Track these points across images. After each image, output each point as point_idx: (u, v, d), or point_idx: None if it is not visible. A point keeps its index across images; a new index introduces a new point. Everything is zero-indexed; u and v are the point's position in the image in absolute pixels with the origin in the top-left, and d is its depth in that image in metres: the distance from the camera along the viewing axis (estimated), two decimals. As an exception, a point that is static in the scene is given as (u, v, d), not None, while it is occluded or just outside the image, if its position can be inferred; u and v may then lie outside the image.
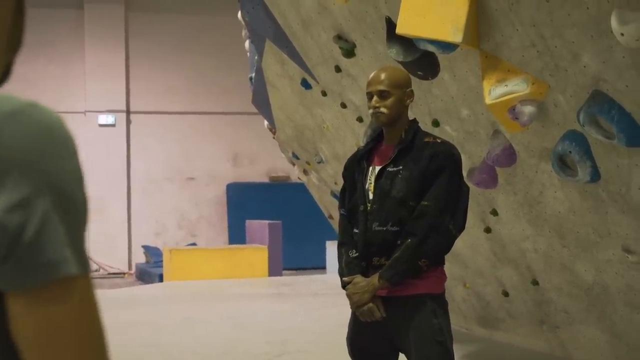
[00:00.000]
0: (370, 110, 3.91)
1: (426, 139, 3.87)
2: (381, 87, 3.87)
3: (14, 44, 1.07)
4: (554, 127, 4.72)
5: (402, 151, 3.84)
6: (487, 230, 6.24)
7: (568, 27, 4.10)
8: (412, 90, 3.94)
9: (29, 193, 0.89)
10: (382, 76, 3.91)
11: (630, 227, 4.79)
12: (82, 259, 0.94)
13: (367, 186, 3.91)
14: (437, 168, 3.76)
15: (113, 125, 19.21)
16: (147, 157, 19.49)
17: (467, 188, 3.99)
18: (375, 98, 3.88)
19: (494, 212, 5.99)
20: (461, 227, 3.87)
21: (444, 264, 3.94)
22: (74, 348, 0.92)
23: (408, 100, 3.91)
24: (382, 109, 3.86)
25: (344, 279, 3.93)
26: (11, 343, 0.93)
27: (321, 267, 16.89)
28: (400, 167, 3.81)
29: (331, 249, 15.71)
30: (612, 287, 5.42)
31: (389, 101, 3.86)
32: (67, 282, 0.92)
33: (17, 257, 0.89)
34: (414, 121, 3.99)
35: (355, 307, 3.85)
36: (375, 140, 4.03)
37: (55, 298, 0.91)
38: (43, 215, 0.90)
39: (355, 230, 3.92)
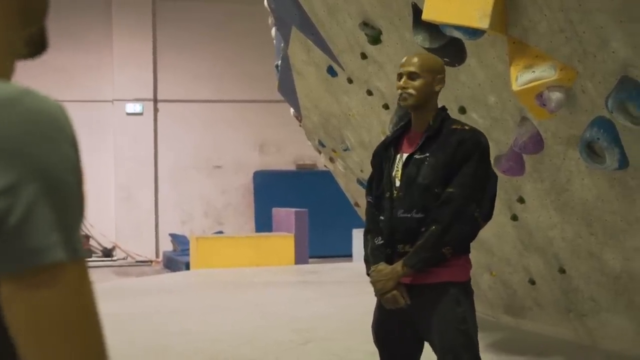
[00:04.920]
0: (399, 91, 3.88)
1: (454, 126, 3.83)
2: (412, 69, 3.84)
3: (33, 10, 1.06)
4: (582, 114, 4.67)
5: (430, 138, 3.81)
6: (514, 218, 6.20)
7: (597, 12, 4.06)
8: (443, 78, 3.90)
9: (15, 179, 0.89)
10: (415, 59, 3.89)
11: (659, 214, 4.74)
12: (73, 245, 0.93)
13: (394, 173, 3.88)
14: (464, 155, 3.72)
15: (140, 114, 19.29)
16: (174, 146, 19.56)
17: (496, 176, 3.95)
18: (404, 79, 3.85)
19: (521, 200, 5.95)
20: (488, 216, 3.83)
21: (470, 252, 3.90)
22: (62, 334, 0.91)
23: (438, 87, 3.86)
24: (410, 90, 3.83)
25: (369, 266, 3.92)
26: (6, 327, 0.93)
27: (347, 255, 16.88)
28: (427, 154, 3.78)
29: (357, 236, 15.68)
30: (639, 275, 5.37)
31: (417, 83, 3.83)
32: (55, 268, 0.91)
33: (3, 242, 0.89)
34: (443, 108, 3.95)
35: (380, 294, 3.84)
36: (404, 127, 4.01)
37: (42, 284, 0.90)
38: (29, 201, 0.90)
39: (381, 218, 3.90)
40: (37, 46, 1.09)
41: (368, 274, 3.91)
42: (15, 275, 0.90)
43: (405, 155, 3.86)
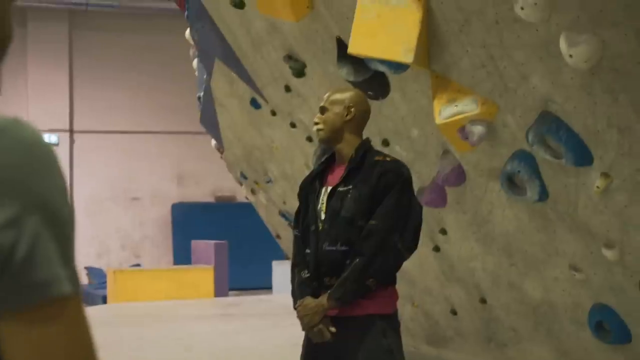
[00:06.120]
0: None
1: (377, 158, 3.88)
2: (322, 103, 3.93)
3: None
4: (503, 147, 4.78)
5: (352, 170, 3.84)
6: (436, 249, 6.28)
7: (517, 48, 4.17)
8: (355, 109, 3.92)
9: (18, 211, 0.88)
10: (327, 94, 3.96)
11: (578, 245, 4.86)
12: (74, 278, 0.92)
13: (319, 206, 3.91)
14: (386, 186, 3.77)
15: (56, 145, 18.95)
16: (91, 177, 19.27)
17: (420, 207, 4.01)
18: (318, 114, 3.92)
19: (443, 231, 6.04)
20: (411, 246, 3.87)
21: (395, 283, 3.94)
22: None
23: (347, 116, 3.90)
24: (320, 124, 3.89)
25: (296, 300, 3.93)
26: None
27: (267, 287, 16.82)
28: (350, 187, 3.81)
29: (277, 268, 15.65)
30: (559, 305, 5.49)
31: (326, 116, 3.89)
32: (59, 302, 0.90)
33: (9, 277, 0.87)
34: (366, 140, 4.00)
35: (306, 328, 3.85)
36: (329, 160, 4.04)
37: (47, 318, 0.89)
38: (34, 234, 0.88)
39: (307, 251, 3.92)
40: None
41: (295, 308, 3.91)
42: (19, 310, 0.88)
43: (329, 188, 3.89)
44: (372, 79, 5.27)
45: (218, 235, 16.95)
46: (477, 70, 4.50)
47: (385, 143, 5.86)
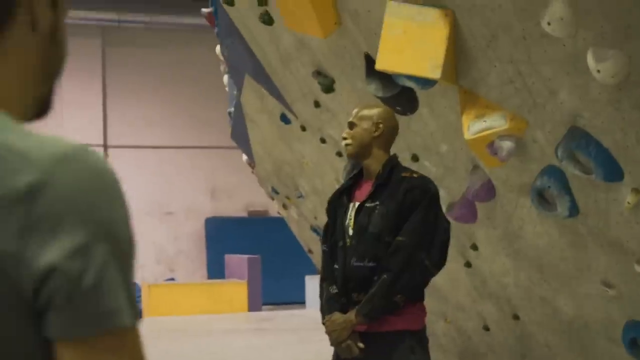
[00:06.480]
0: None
1: (403, 174, 3.87)
2: (350, 119, 3.93)
3: (51, 72, 1.06)
4: (533, 162, 4.74)
5: (380, 186, 3.84)
6: (468, 264, 6.24)
7: (545, 64, 4.14)
8: (384, 125, 3.92)
9: (87, 239, 0.88)
10: (356, 110, 3.96)
11: (609, 261, 4.80)
12: (135, 309, 0.92)
13: (347, 222, 3.91)
14: (413, 203, 3.76)
15: (91, 160, 19.13)
16: (125, 192, 19.39)
17: (448, 223, 3.99)
18: (346, 130, 3.92)
19: (474, 247, 6.00)
20: (439, 263, 3.86)
21: (424, 299, 3.92)
22: None
23: (376, 132, 3.89)
24: (348, 140, 3.90)
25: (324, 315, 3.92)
26: None
27: (300, 301, 16.81)
28: (377, 203, 3.81)
29: (310, 283, 15.64)
30: (592, 321, 5.43)
31: (354, 132, 3.89)
32: (120, 332, 0.90)
33: (75, 305, 0.87)
34: (394, 156, 4.00)
35: (335, 344, 3.84)
36: (357, 175, 4.04)
37: (107, 349, 0.88)
38: (102, 262, 0.88)
39: (336, 266, 3.92)
40: (43, 107, 1.08)
41: (323, 323, 3.91)
42: (81, 339, 0.88)
43: (357, 204, 3.89)
44: (401, 95, 5.25)
45: (251, 250, 16.99)
46: (505, 86, 4.47)
47: (415, 158, 5.84)
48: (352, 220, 3.88)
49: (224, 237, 19.04)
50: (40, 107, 1.07)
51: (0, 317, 0.88)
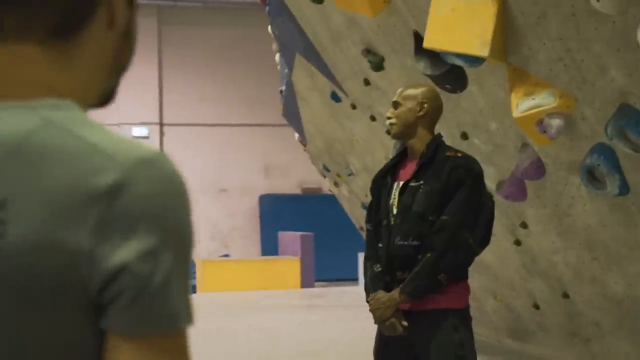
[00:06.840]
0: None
1: (448, 153, 3.85)
2: (395, 98, 3.92)
3: (120, 66, 1.09)
4: (582, 140, 4.71)
5: (424, 166, 3.84)
6: (517, 242, 6.22)
7: (594, 41, 4.10)
8: (429, 104, 3.90)
9: (158, 243, 0.91)
10: (401, 89, 3.96)
11: (660, 240, 4.76)
12: (191, 313, 0.95)
13: (391, 201, 3.91)
14: (457, 182, 3.75)
15: (147, 137, 19.37)
16: (180, 169, 19.53)
17: (492, 202, 3.98)
18: (391, 109, 3.92)
19: (524, 225, 5.98)
20: (483, 242, 3.84)
21: (467, 277, 3.92)
22: None
23: (420, 112, 3.88)
24: (393, 119, 3.89)
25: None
26: None
27: (353, 278, 16.87)
28: (422, 182, 3.80)
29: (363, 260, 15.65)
30: (643, 300, 5.39)
31: (399, 111, 3.89)
32: (177, 334, 0.93)
33: (141, 305, 0.90)
34: (438, 136, 3.98)
35: (378, 322, 3.87)
36: (401, 155, 4.05)
37: (163, 349, 0.92)
38: (169, 267, 0.91)
39: (380, 245, 3.93)
40: (108, 97, 1.11)
41: (367, 301, 3.95)
42: (142, 337, 0.91)
43: (401, 183, 3.89)
44: (450, 73, 5.24)
45: (304, 227, 17.08)
46: (554, 63, 4.44)
47: (464, 136, 5.83)
48: (396, 199, 3.88)
49: (278, 214, 19.17)
50: (105, 97, 1.11)
51: (61, 308, 0.91)
